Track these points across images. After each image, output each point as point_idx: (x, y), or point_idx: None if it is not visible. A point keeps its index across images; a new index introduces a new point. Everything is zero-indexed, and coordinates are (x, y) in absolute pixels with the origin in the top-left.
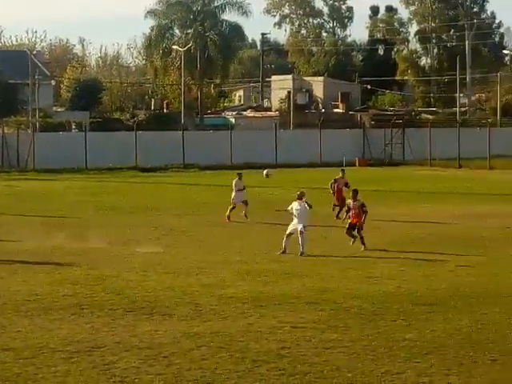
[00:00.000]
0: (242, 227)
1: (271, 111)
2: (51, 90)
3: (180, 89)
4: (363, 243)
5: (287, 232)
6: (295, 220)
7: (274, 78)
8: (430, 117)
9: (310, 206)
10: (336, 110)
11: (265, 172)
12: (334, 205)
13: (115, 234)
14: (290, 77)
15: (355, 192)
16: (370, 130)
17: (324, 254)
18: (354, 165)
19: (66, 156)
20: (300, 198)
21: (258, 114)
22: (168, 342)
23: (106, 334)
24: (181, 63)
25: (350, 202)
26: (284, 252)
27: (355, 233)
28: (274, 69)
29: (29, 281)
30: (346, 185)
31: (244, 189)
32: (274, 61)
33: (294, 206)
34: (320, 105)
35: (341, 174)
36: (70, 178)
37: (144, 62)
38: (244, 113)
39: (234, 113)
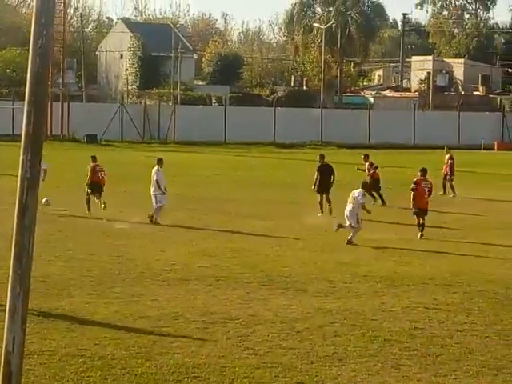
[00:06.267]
0: (381, 210)
1: (410, 92)
2: (193, 64)
3: (320, 66)
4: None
5: None
6: None
7: (414, 58)
8: None
9: None
10: (476, 93)
11: (44, 200)
12: None
13: (250, 209)
14: (430, 58)
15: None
16: (510, 114)
17: (460, 237)
18: (493, 148)
19: (205, 129)
20: None
21: (396, 94)
22: (301, 317)
23: (240, 306)
24: (321, 41)
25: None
26: None
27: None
28: (415, 49)
29: (167, 251)
30: None
31: None
32: (415, 41)
33: None
34: (460, 87)
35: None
36: (208, 152)
37: (285, 38)
38: (383, 92)
39: (373, 92)
